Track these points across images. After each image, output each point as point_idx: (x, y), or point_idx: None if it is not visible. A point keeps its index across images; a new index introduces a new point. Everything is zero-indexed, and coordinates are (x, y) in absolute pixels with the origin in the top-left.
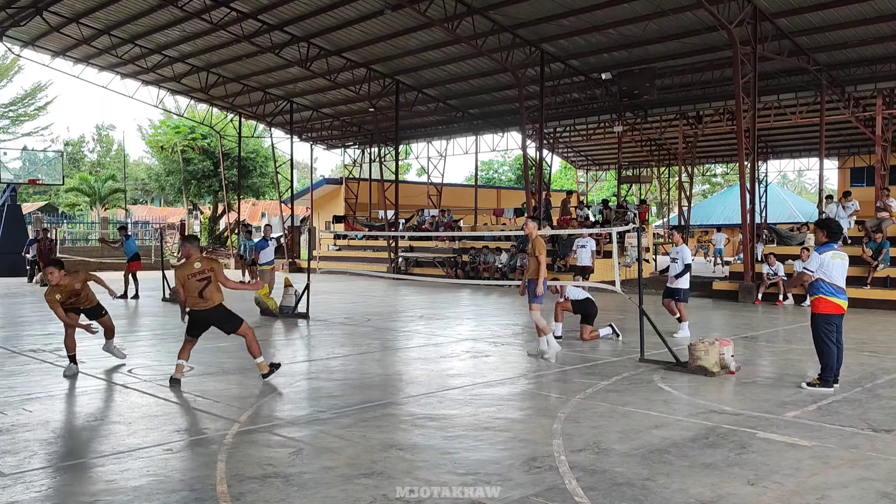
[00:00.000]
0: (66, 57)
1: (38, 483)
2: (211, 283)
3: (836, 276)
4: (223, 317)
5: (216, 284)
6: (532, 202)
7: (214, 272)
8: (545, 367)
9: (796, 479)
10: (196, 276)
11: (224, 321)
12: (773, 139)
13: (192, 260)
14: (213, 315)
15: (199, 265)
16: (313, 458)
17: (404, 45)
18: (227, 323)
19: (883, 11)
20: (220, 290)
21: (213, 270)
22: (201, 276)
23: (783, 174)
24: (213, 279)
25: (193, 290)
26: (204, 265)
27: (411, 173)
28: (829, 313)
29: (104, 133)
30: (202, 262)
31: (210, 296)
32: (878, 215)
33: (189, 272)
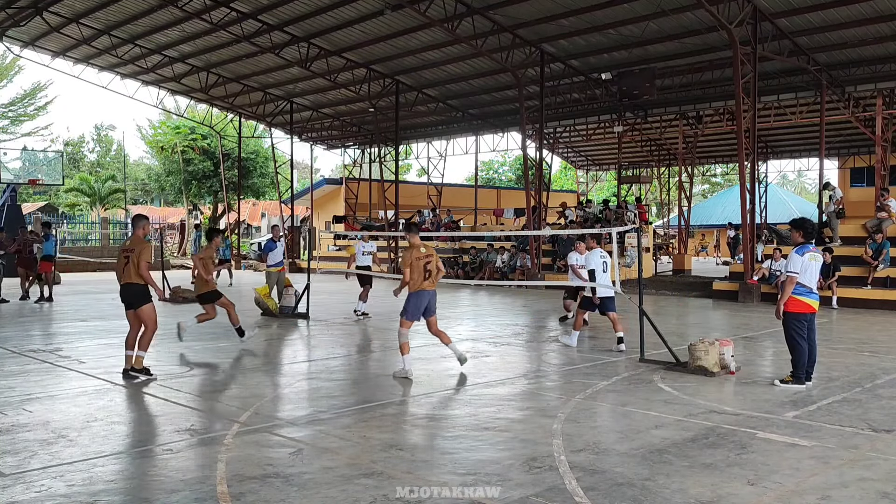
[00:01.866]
0: (66, 57)
1: (38, 483)
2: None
3: (809, 276)
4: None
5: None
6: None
7: (433, 257)
8: (545, 368)
9: (796, 479)
10: (422, 259)
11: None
12: (773, 139)
13: (417, 245)
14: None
15: (424, 250)
16: (313, 458)
17: (404, 45)
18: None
19: (883, 11)
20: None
21: (432, 256)
22: (427, 260)
23: (783, 174)
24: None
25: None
26: (428, 250)
27: (411, 173)
28: (800, 312)
29: (104, 133)
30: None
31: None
32: (878, 215)
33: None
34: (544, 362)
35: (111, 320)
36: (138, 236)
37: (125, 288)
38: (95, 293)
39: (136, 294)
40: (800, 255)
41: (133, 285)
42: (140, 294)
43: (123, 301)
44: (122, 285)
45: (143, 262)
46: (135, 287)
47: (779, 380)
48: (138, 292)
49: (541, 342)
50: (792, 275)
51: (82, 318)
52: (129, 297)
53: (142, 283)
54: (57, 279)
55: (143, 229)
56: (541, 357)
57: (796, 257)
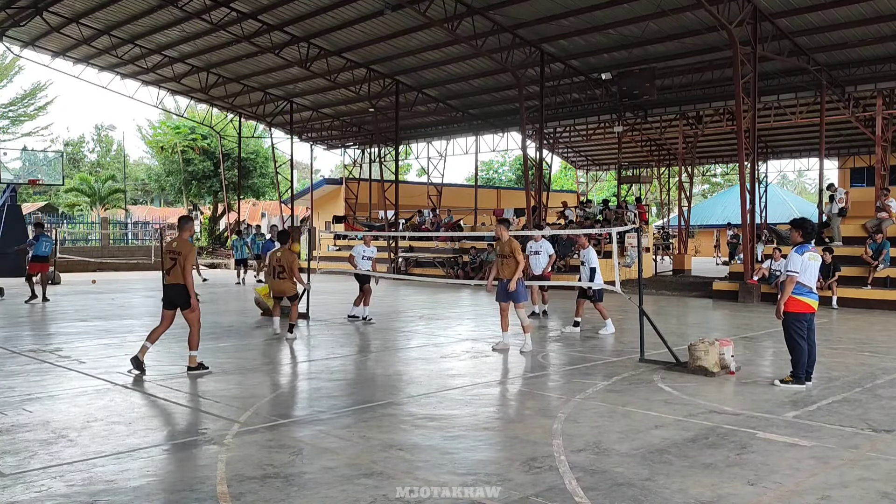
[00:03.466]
0: (66, 57)
1: (38, 483)
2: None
3: (808, 276)
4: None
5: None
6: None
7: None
8: (545, 368)
9: (796, 479)
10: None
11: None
12: (773, 139)
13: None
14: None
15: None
16: (313, 458)
17: (404, 46)
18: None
19: (883, 11)
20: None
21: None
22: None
23: (783, 174)
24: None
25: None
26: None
27: (411, 173)
28: (800, 312)
29: (104, 133)
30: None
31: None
32: (878, 215)
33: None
34: (544, 362)
35: (111, 320)
36: (184, 238)
37: (172, 288)
38: (95, 293)
39: (183, 295)
40: (799, 254)
41: (180, 286)
42: (185, 296)
43: (166, 300)
44: (167, 285)
45: (188, 266)
46: (182, 288)
47: (779, 380)
48: (185, 293)
49: (541, 342)
50: (792, 274)
51: (82, 318)
52: (176, 297)
53: (184, 284)
54: (57, 279)
55: (188, 231)
56: (541, 357)
57: (796, 257)
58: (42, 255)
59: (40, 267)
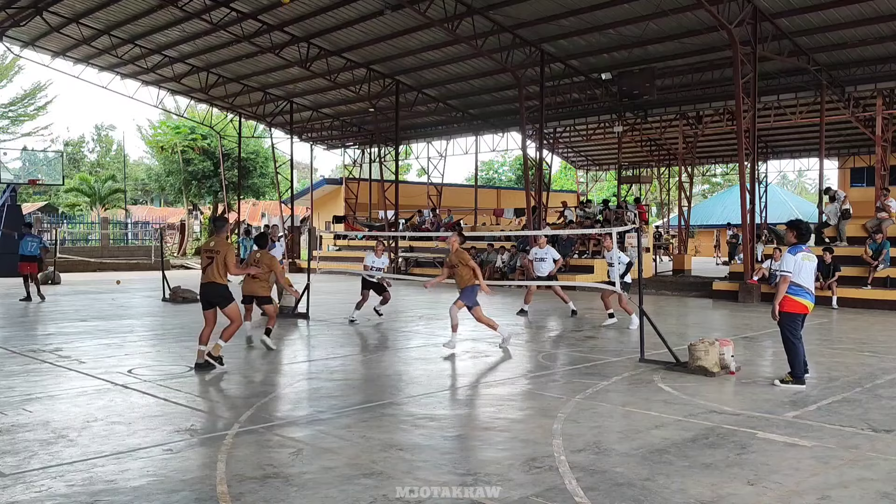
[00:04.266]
0: (66, 57)
1: (38, 483)
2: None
3: (804, 276)
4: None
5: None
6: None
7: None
8: (545, 368)
9: (796, 479)
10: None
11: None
12: (773, 139)
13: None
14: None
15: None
16: (313, 458)
17: (404, 46)
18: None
19: (883, 11)
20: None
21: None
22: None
23: (783, 174)
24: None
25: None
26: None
27: (411, 173)
28: (795, 312)
29: (104, 133)
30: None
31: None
32: (878, 216)
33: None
34: (544, 362)
35: (111, 320)
36: (222, 238)
37: (209, 287)
38: (95, 293)
39: (220, 294)
40: (792, 255)
41: (218, 285)
42: (224, 295)
43: (204, 300)
44: (203, 284)
45: (231, 264)
46: (219, 287)
47: (779, 380)
48: (223, 293)
49: (541, 342)
50: (785, 274)
51: (82, 318)
52: (213, 296)
53: (224, 283)
54: (57, 279)
55: (225, 230)
56: (541, 357)
57: (789, 257)
58: (29, 255)
59: (29, 267)
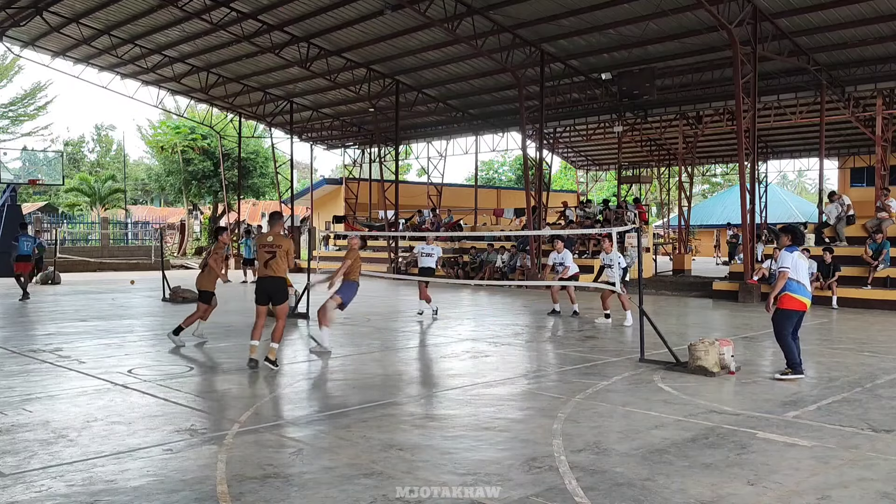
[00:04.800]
0: (66, 57)
1: (38, 483)
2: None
3: (801, 274)
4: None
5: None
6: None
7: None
8: (545, 368)
9: (796, 479)
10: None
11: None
12: (773, 139)
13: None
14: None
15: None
16: (313, 458)
17: (404, 45)
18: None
19: (883, 11)
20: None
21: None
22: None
23: (783, 174)
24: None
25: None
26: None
27: (411, 173)
28: (794, 309)
29: (104, 133)
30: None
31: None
32: (878, 215)
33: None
34: (544, 362)
35: (111, 320)
36: (278, 232)
37: (269, 281)
38: (95, 293)
39: (281, 289)
40: (789, 252)
41: (280, 279)
42: (283, 290)
43: (262, 294)
44: (264, 278)
45: (291, 258)
46: (280, 281)
47: (779, 373)
48: (283, 287)
49: (541, 342)
50: (784, 270)
51: (82, 318)
52: (274, 290)
53: (285, 277)
54: (57, 279)
55: (280, 225)
56: (541, 357)
57: (786, 254)
58: (24, 255)
59: (24, 266)
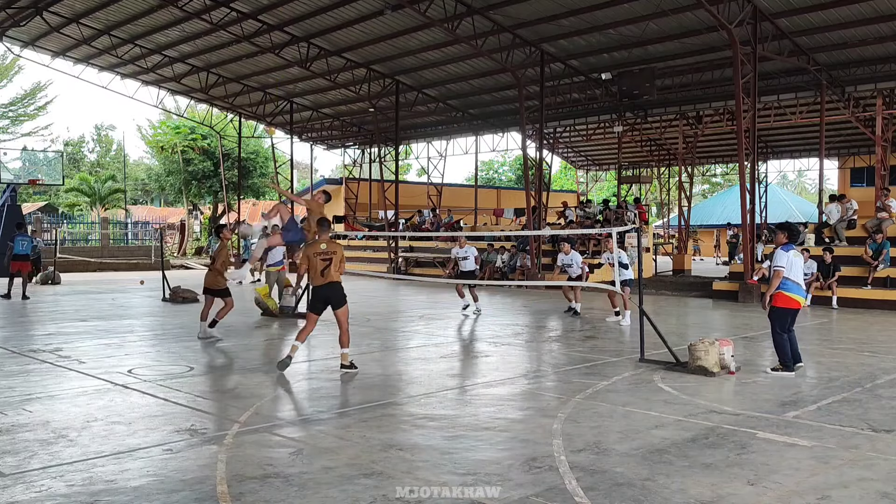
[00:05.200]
0: (66, 57)
1: (38, 483)
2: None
3: (795, 273)
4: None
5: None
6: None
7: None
8: (545, 368)
9: (796, 479)
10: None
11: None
12: (773, 139)
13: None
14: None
15: (325, 246)
16: (313, 458)
17: (404, 46)
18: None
19: (883, 11)
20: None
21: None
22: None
23: (783, 174)
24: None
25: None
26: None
27: (411, 173)
28: (788, 307)
29: (104, 133)
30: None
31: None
32: (878, 215)
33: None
34: (544, 362)
35: (111, 320)
36: (329, 239)
37: (327, 287)
38: (95, 293)
39: (340, 294)
40: (785, 251)
41: (335, 285)
42: (341, 295)
43: (320, 301)
44: (322, 286)
45: (343, 263)
46: (337, 286)
47: (771, 368)
48: (339, 292)
49: (541, 342)
50: (778, 269)
51: (82, 318)
52: (334, 296)
53: (340, 282)
54: (57, 279)
55: (329, 230)
56: (541, 357)
57: (782, 253)
58: (21, 254)
59: (20, 265)
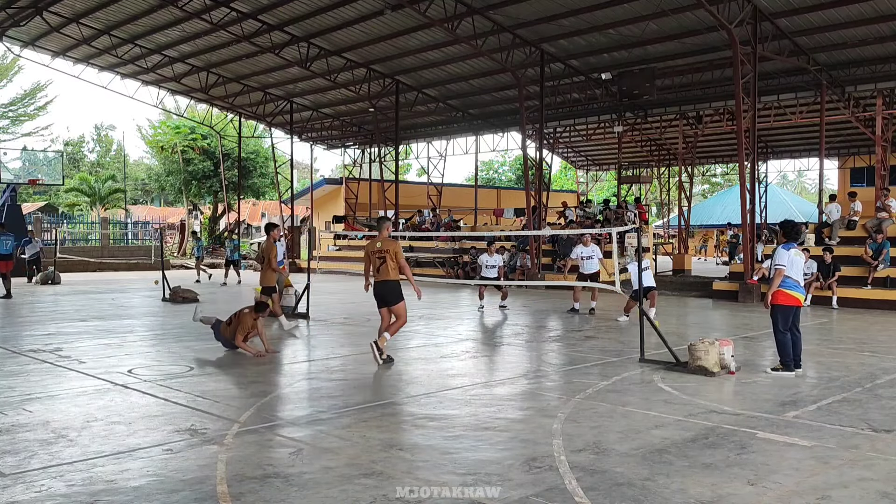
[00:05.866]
0: (66, 57)
1: (38, 483)
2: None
3: (795, 271)
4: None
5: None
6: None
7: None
8: (545, 368)
9: (796, 479)
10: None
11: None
12: (773, 139)
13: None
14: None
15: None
16: (313, 458)
17: (404, 45)
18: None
19: (883, 11)
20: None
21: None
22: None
23: (783, 174)
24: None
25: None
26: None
27: (411, 173)
28: (788, 305)
29: (104, 133)
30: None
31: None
32: (878, 215)
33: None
34: (544, 362)
35: (111, 320)
36: (385, 236)
37: (382, 285)
38: (95, 293)
39: (396, 291)
40: (786, 250)
41: (392, 282)
42: (397, 292)
43: (379, 298)
44: (378, 282)
45: (402, 261)
46: (393, 284)
47: (771, 368)
48: (396, 290)
49: (541, 342)
50: (780, 267)
51: (82, 318)
52: (388, 293)
53: (397, 280)
54: (57, 279)
55: (387, 229)
56: (541, 357)
57: (782, 252)
58: (4, 254)
59: (4, 265)
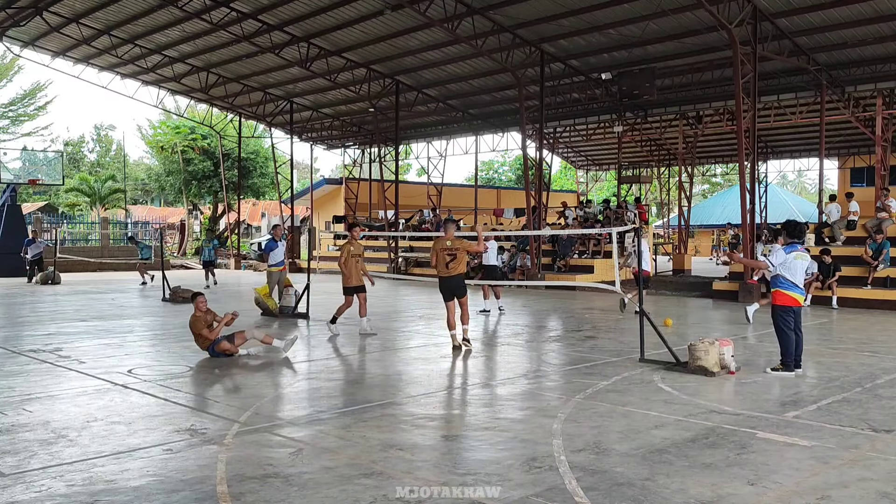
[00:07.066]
0: (66, 57)
1: (38, 483)
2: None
3: (793, 273)
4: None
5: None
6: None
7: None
8: (545, 368)
9: (796, 479)
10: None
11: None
12: (773, 139)
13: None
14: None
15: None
16: (313, 458)
17: (404, 45)
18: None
19: (883, 11)
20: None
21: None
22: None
23: (783, 174)
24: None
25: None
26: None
27: (411, 173)
28: (787, 305)
29: (104, 133)
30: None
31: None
32: (878, 215)
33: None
34: (544, 362)
35: (111, 320)
36: (453, 236)
37: (453, 279)
38: (95, 293)
39: (460, 285)
40: (786, 252)
41: (459, 277)
42: (463, 286)
43: (446, 291)
44: (446, 278)
45: (471, 248)
46: (459, 279)
47: (770, 368)
48: (463, 284)
49: (541, 342)
50: (767, 264)
51: (82, 318)
52: (456, 288)
53: (463, 275)
54: (57, 279)
55: (453, 229)
56: (541, 357)
57: (781, 253)
58: None
59: None
